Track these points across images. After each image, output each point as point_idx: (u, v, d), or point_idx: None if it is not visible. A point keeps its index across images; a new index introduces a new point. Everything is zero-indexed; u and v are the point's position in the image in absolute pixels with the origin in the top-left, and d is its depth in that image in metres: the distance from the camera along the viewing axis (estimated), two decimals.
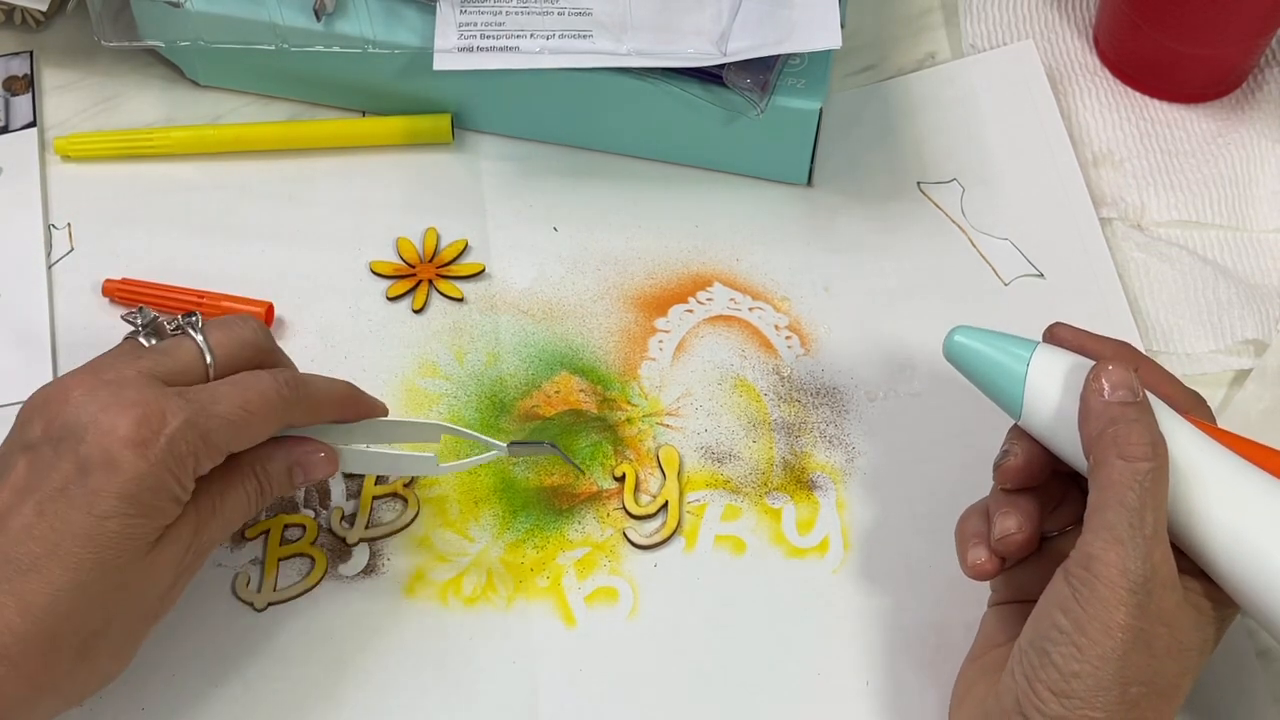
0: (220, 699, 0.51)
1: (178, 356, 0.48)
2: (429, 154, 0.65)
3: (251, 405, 0.47)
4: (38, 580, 0.43)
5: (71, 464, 0.44)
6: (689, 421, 0.58)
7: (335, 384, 0.51)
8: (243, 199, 0.64)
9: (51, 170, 0.65)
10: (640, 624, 0.53)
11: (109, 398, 0.45)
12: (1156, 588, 0.41)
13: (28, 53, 0.69)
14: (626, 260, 0.62)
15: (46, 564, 0.43)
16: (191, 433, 0.45)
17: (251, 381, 0.48)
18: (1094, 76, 0.68)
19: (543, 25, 0.59)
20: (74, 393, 0.46)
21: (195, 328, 0.49)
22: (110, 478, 0.44)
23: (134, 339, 0.49)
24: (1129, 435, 0.42)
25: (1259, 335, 0.59)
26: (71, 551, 0.43)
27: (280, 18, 0.61)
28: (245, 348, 0.49)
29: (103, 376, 0.46)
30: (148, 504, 0.45)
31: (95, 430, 0.44)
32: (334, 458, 0.51)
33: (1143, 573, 0.41)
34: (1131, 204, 0.63)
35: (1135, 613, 0.41)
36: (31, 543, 0.43)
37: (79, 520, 0.44)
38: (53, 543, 0.43)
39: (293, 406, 0.48)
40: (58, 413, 0.45)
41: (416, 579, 0.54)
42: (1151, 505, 0.42)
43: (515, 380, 0.59)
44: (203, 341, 0.48)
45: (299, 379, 0.49)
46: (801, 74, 0.60)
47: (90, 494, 0.44)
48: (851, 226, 0.63)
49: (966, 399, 0.58)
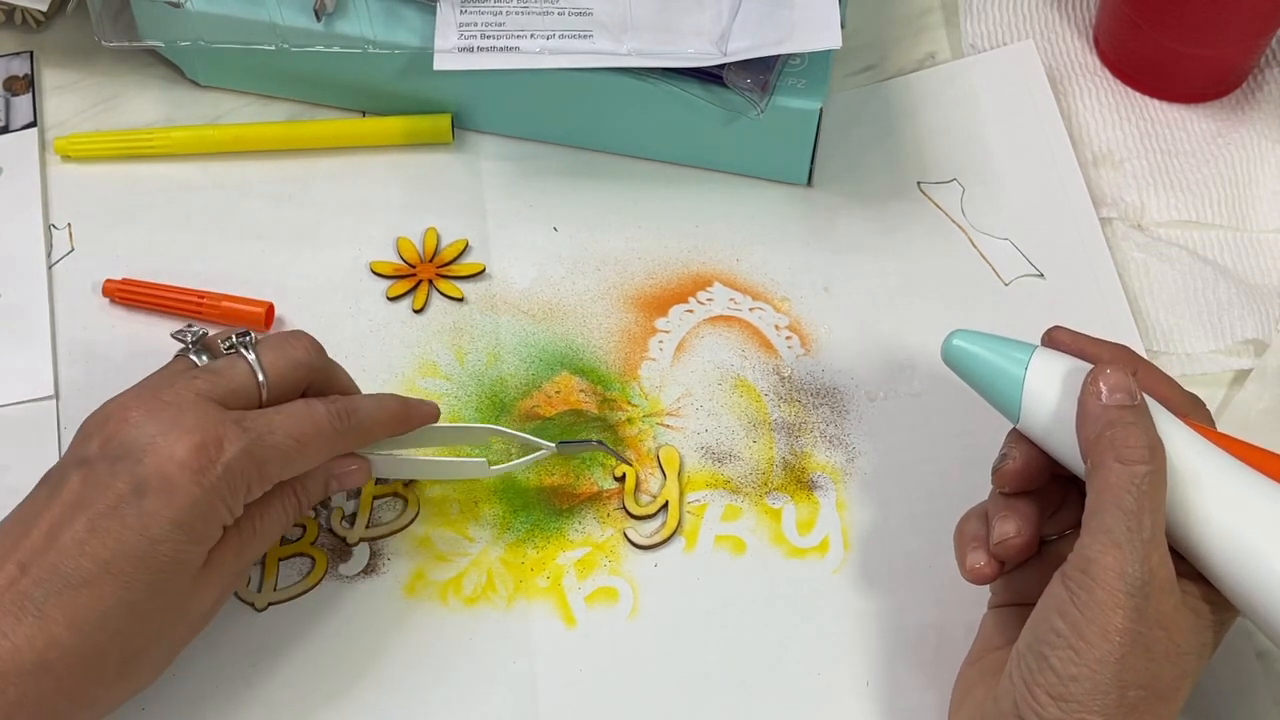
0: (220, 699, 0.51)
1: (232, 377, 0.48)
2: (429, 154, 0.65)
3: (306, 438, 0.48)
4: (88, 596, 0.43)
5: (127, 483, 0.44)
6: (689, 422, 0.58)
7: (385, 403, 0.51)
8: (243, 199, 0.64)
9: (51, 170, 0.65)
10: (640, 624, 0.53)
11: (169, 420, 0.45)
12: (1154, 591, 0.41)
13: (28, 53, 0.69)
14: (627, 260, 0.62)
15: (98, 581, 0.44)
16: (247, 462, 0.46)
17: (306, 413, 0.48)
18: (1094, 76, 0.68)
19: (543, 25, 0.59)
20: (133, 412, 0.46)
21: (249, 347, 0.49)
22: (166, 502, 0.44)
23: (185, 356, 0.50)
24: (1126, 438, 0.42)
25: (1259, 335, 0.59)
26: (123, 571, 0.44)
27: (280, 18, 0.61)
28: (298, 368, 0.50)
29: (162, 397, 0.46)
30: (199, 529, 0.45)
31: (153, 452, 0.45)
32: (367, 467, 0.52)
33: (1140, 576, 0.41)
34: (1131, 204, 0.63)
35: (1133, 616, 0.41)
36: (83, 558, 0.44)
37: (132, 541, 0.44)
38: (105, 560, 0.44)
39: (345, 437, 0.49)
40: (116, 431, 0.46)
41: (417, 578, 0.54)
42: (1149, 509, 0.42)
43: (515, 380, 0.59)
44: (255, 361, 0.49)
45: (350, 408, 0.50)
46: (801, 74, 0.60)
47: (144, 516, 0.44)
48: (851, 226, 0.63)
49: (966, 399, 0.58)
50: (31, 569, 0.44)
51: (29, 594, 0.43)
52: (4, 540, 0.45)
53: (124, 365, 0.59)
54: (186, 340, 0.50)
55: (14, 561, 0.44)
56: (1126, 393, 0.44)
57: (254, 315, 0.59)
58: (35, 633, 0.43)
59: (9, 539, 0.45)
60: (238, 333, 0.50)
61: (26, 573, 0.44)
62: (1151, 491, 0.42)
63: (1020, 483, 0.47)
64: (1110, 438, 0.43)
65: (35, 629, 0.43)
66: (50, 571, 0.43)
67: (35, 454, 0.56)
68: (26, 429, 0.58)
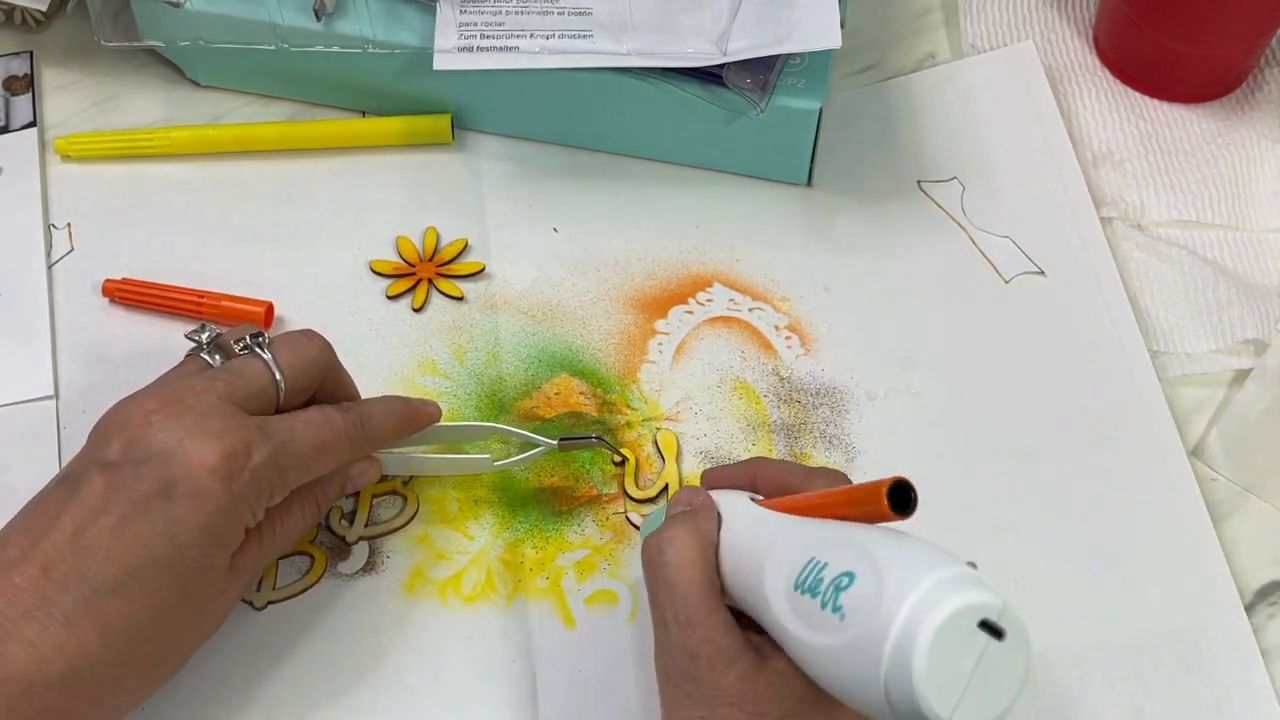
0: (220, 698, 0.51)
1: (251, 379, 0.48)
2: (429, 154, 0.65)
3: (325, 446, 0.48)
4: (118, 603, 0.43)
5: (154, 487, 0.44)
6: (688, 426, 0.58)
7: (393, 408, 0.52)
8: (243, 199, 0.64)
9: (51, 170, 0.65)
10: (640, 626, 0.53)
11: (194, 425, 0.45)
12: (701, 670, 0.41)
13: (28, 53, 0.69)
14: (626, 261, 0.62)
15: (127, 588, 0.43)
16: (271, 469, 0.46)
17: (324, 422, 0.48)
18: (1094, 76, 0.68)
19: (543, 25, 0.59)
20: (156, 416, 0.45)
21: (264, 346, 0.49)
22: (195, 508, 0.44)
23: (197, 355, 0.49)
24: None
25: (1259, 335, 0.59)
26: (152, 577, 0.44)
27: (280, 18, 0.61)
28: (313, 367, 0.50)
29: (184, 401, 0.46)
30: (225, 534, 0.45)
31: (181, 458, 0.44)
32: (378, 467, 0.53)
33: (679, 661, 0.42)
34: (1131, 204, 0.63)
35: (681, 700, 0.42)
36: (112, 564, 0.43)
37: (160, 546, 0.44)
38: (134, 566, 0.43)
39: (359, 445, 0.50)
40: (139, 434, 0.45)
41: (416, 576, 0.54)
42: (669, 596, 0.43)
43: (515, 380, 0.59)
44: (272, 361, 0.49)
45: (363, 417, 0.50)
46: (801, 74, 0.60)
47: (173, 521, 0.44)
48: (851, 226, 0.63)
49: (966, 399, 0.58)
50: (55, 572, 0.43)
51: (54, 599, 0.42)
52: (21, 539, 0.44)
53: (124, 365, 0.59)
54: (200, 340, 0.50)
55: (35, 564, 0.43)
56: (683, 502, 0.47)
57: (254, 315, 0.59)
58: (64, 641, 0.42)
59: (26, 538, 0.44)
60: (251, 333, 0.50)
61: (50, 576, 0.43)
62: (668, 580, 0.43)
63: None
64: None
65: (64, 637, 0.42)
66: (78, 577, 0.43)
67: (35, 454, 0.56)
68: (26, 429, 0.58)
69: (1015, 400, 0.58)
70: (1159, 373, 0.58)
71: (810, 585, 0.39)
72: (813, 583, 0.39)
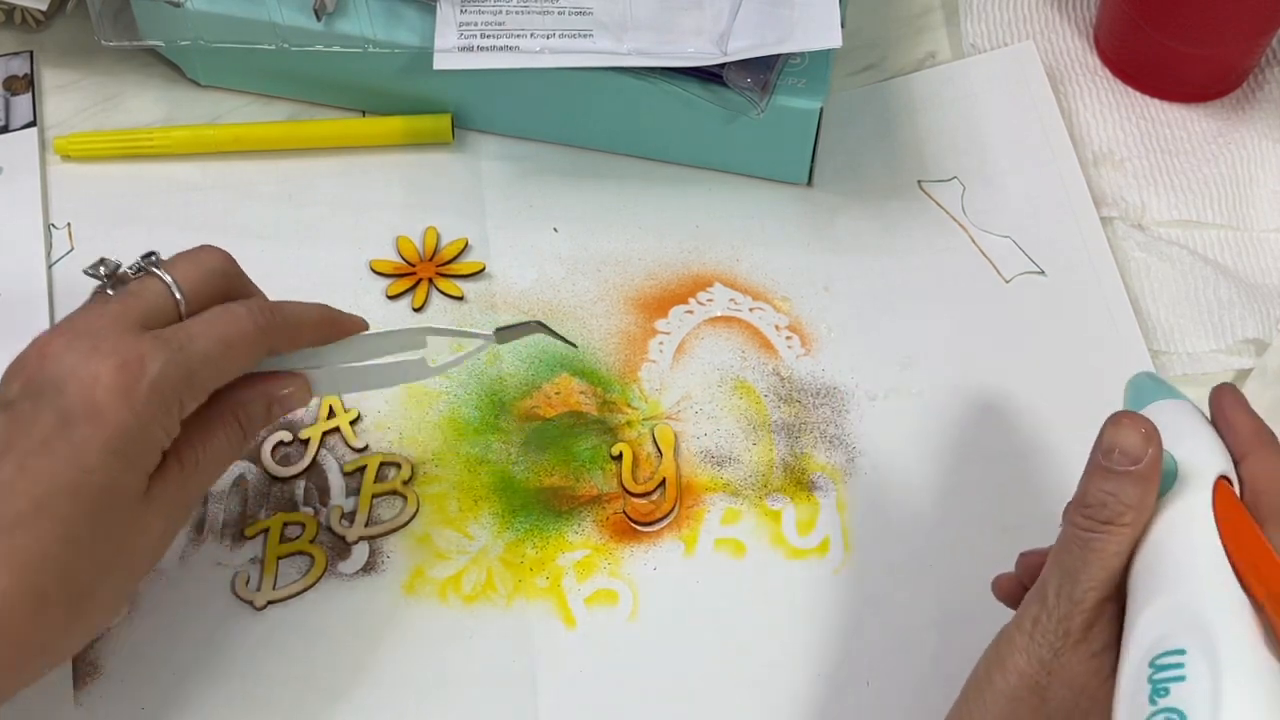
0: (220, 698, 0.51)
1: (147, 297, 0.46)
2: (429, 154, 0.65)
3: (230, 338, 0.46)
4: (24, 537, 0.41)
5: (52, 416, 0.43)
6: (689, 425, 0.58)
7: (310, 306, 0.50)
8: (243, 199, 0.64)
9: (51, 170, 0.65)
10: (640, 626, 0.53)
11: (86, 347, 0.43)
12: (1067, 647, 0.40)
13: (28, 53, 0.69)
14: (626, 261, 0.62)
15: (33, 520, 0.42)
16: (174, 374, 0.44)
17: (226, 315, 0.46)
18: (1094, 76, 0.68)
19: (543, 25, 0.59)
20: (49, 347, 0.44)
21: (158, 265, 0.47)
22: (95, 429, 0.42)
23: (102, 291, 0.47)
24: (1103, 494, 0.40)
25: (1259, 335, 0.59)
26: (58, 506, 0.42)
27: (280, 18, 0.61)
28: (213, 275, 0.48)
29: (77, 328, 0.44)
30: (133, 453, 0.43)
31: (75, 381, 0.43)
32: (306, 386, 0.50)
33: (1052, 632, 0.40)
34: (1132, 203, 0.63)
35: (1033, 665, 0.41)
36: (15, 499, 0.42)
37: (64, 474, 0.42)
38: (37, 498, 0.42)
39: (270, 334, 0.47)
40: (36, 368, 0.44)
41: (416, 576, 0.54)
42: (1086, 572, 0.39)
43: (515, 380, 0.59)
44: (169, 279, 0.47)
45: (273, 305, 0.48)
46: (802, 73, 0.60)
47: (74, 446, 0.42)
48: (851, 226, 0.63)
49: (966, 399, 0.58)
50: None
51: None
52: None
53: None
54: (100, 274, 0.48)
55: None
56: (1125, 455, 0.40)
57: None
58: None
59: None
60: (144, 254, 0.48)
61: None
62: (1096, 557, 0.39)
63: (1007, 599, 0.47)
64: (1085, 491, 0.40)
65: None
66: None
67: None
68: None
69: (1016, 400, 0.58)
70: (1160, 372, 0.58)
71: (1159, 669, 0.34)
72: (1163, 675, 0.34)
